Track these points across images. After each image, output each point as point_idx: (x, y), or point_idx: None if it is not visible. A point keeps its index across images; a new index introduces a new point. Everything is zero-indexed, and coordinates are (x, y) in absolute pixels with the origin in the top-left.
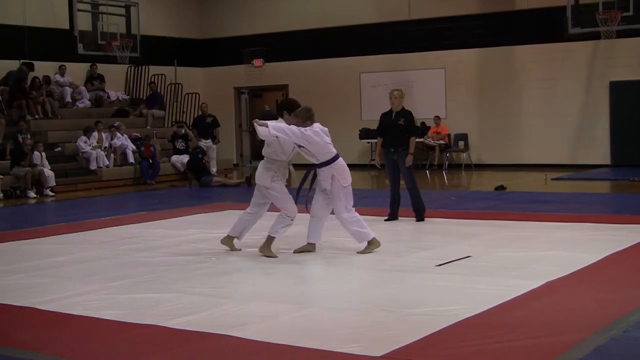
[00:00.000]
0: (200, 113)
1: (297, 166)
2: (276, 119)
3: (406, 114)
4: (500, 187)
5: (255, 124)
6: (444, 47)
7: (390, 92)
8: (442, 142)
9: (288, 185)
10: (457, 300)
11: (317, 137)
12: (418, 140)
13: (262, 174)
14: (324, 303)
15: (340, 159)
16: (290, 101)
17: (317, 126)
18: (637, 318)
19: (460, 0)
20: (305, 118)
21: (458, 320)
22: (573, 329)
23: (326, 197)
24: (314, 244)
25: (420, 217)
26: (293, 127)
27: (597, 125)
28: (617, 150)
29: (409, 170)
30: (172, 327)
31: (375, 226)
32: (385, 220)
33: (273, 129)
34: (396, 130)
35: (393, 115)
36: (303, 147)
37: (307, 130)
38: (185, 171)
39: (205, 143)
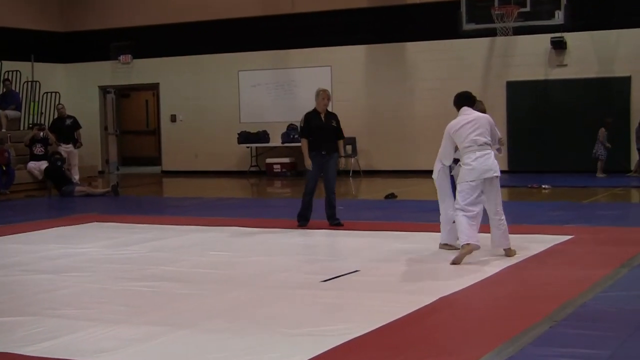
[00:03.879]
0: (57, 115)
1: None
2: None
3: (334, 116)
4: (391, 196)
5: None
6: (329, 44)
7: (323, 92)
8: None
9: None
10: (344, 318)
11: None
12: (294, 144)
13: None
14: (199, 324)
15: None
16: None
17: None
18: (537, 333)
19: None
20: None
21: (344, 340)
22: (468, 347)
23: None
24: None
25: (338, 222)
26: None
27: None
28: (514, 156)
29: (335, 175)
30: (30, 354)
31: (257, 237)
32: (300, 225)
33: None
34: (328, 133)
35: (323, 117)
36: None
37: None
38: (44, 179)
39: (65, 148)
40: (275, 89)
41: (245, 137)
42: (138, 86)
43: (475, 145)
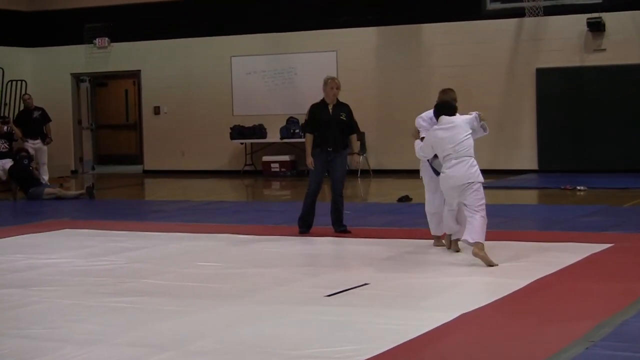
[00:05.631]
0: (23, 107)
1: None
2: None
3: (346, 108)
4: (405, 198)
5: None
6: (335, 25)
7: (332, 80)
8: None
9: None
10: (350, 338)
11: None
12: (294, 140)
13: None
14: (183, 345)
15: None
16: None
17: None
18: (571, 355)
19: None
20: None
21: None
22: None
23: None
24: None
25: (345, 228)
26: None
27: (521, 121)
28: (545, 153)
29: (344, 175)
30: None
31: (252, 246)
32: (301, 232)
33: None
34: (337, 127)
35: (330, 108)
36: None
37: None
38: (8, 180)
39: (33, 144)
40: (273, 77)
41: (238, 132)
42: (116, 74)
43: (454, 153)
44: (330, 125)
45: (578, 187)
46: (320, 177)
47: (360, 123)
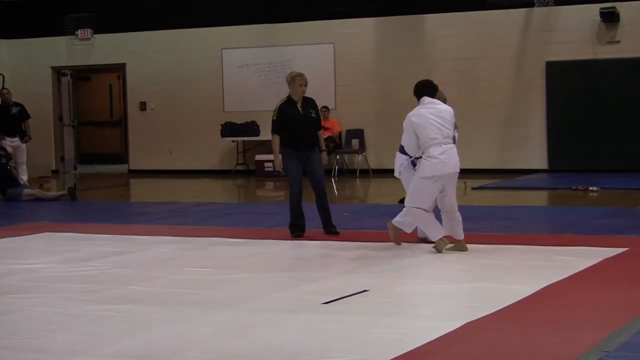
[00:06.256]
0: (0, 103)
1: None
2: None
3: (313, 104)
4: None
5: None
6: (332, 16)
7: (299, 77)
8: (330, 142)
9: None
10: (350, 349)
11: None
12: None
13: None
14: (171, 356)
15: None
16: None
17: None
18: None
19: None
20: None
21: None
22: None
23: None
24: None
25: (335, 229)
26: None
27: (530, 118)
28: (555, 151)
29: (323, 173)
30: None
31: (243, 250)
32: (295, 236)
33: None
34: (308, 126)
35: (299, 106)
36: None
37: None
38: None
39: (11, 142)
40: (267, 71)
41: (230, 129)
42: (100, 67)
43: (441, 137)
44: (301, 124)
45: (590, 188)
46: (300, 178)
47: (358, 120)
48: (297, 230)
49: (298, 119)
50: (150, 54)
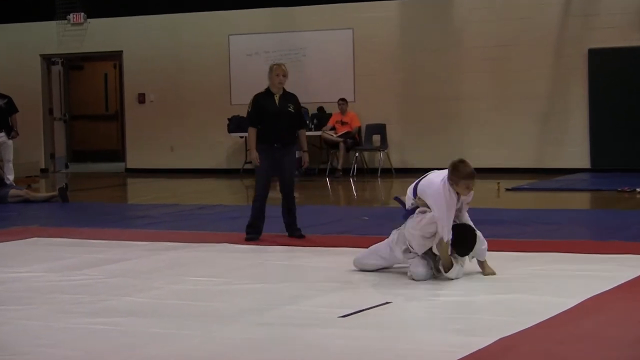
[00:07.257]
0: None
1: None
2: None
3: (293, 99)
4: None
5: None
6: None
7: (277, 67)
8: (349, 138)
9: None
10: None
11: None
12: (312, 134)
13: None
14: None
15: None
16: None
17: None
18: None
19: None
20: None
21: None
22: None
23: None
24: None
25: (299, 233)
26: None
27: (570, 112)
28: (598, 150)
29: (294, 174)
30: None
31: (251, 258)
32: (247, 239)
33: None
34: (285, 120)
35: (277, 99)
36: None
37: None
38: None
39: None
40: (278, 59)
41: (237, 124)
42: (94, 55)
43: None
44: (276, 117)
45: (637, 189)
46: (267, 176)
47: (379, 114)
48: (252, 232)
49: (273, 112)
50: (150, 41)
